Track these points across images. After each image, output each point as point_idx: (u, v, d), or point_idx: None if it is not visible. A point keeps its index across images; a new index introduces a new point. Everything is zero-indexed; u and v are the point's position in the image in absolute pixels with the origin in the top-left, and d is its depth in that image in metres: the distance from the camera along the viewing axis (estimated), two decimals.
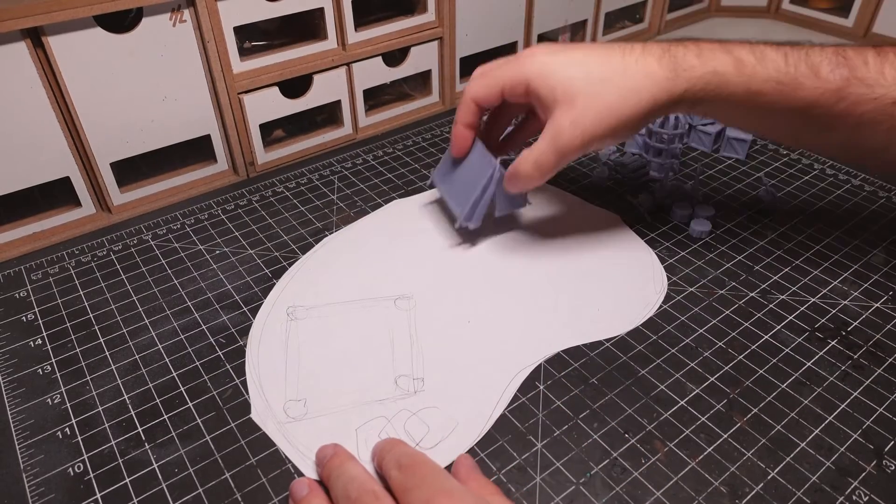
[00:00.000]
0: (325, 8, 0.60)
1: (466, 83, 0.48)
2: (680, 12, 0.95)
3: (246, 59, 0.58)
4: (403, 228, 0.54)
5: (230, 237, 0.54)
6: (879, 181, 0.59)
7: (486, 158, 0.48)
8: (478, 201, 0.48)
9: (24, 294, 0.49)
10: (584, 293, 0.47)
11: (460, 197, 0.50)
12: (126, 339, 0.45)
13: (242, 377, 0.42)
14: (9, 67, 0.47)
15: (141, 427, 0.39)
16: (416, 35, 0.68)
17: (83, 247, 0.54)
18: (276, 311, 0.46)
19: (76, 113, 0.52)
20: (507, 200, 0.51)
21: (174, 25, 0.53)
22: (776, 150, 0.64)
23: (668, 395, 0.40)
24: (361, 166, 0.64)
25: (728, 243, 0.52)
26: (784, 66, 0.40)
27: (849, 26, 0.89)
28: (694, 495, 0.35)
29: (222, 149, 0.61)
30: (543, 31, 0.79)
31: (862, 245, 0.51)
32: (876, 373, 0.41)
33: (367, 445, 0.37)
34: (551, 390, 0.41)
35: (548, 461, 0.36)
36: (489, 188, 0.48)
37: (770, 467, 0.36)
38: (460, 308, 0.46)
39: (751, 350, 0.43)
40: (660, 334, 0.44)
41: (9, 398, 0.41)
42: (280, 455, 0.37)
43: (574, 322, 0.45)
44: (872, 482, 0.35)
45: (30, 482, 0.36)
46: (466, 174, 0.50)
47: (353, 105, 0.67)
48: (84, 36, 0.49)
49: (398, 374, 0.41)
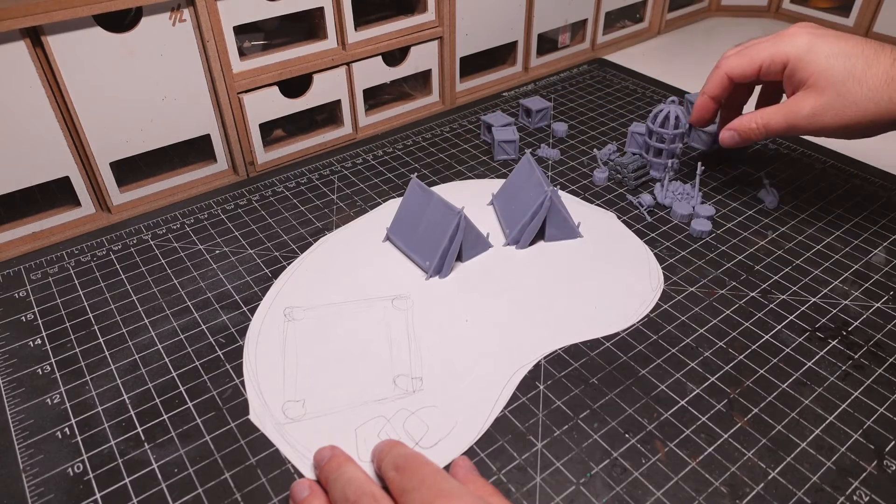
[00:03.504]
0: (324, 7, 0.60)
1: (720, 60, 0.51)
2: (680, 12, 0.95)
3: (246, 59, 0.58)
4: None
5: (230, 237, 0.54)
6: (880, 181, 0.59)
7: (449, 208, 0.48)
8: (446, 251, 0.48)
9: (23, 294, 0.49)
10: (582, 292, 0.47)
11: (425, 249, 0.50)
12: (126, 339, 0.45)
13: (242, 377, 0.42)
14: (8, 67, 0.47)
15: (140, 427, 0.39)
16: (416, 35, 0.68)
17: (83, 246, 0.54)
18: (273, 313, 0.46)
19: (76, 113, 0.52)
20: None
21: (174, 25, 0.53)
22: (776, 149, 0.64)
23: (669, 394, 0.40)
24: (361, 166, 0.63)
25: (728, 243, 0.52)
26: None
27: (849, 26, 0.89)
28: (694, 495, 0.35)
29: (222, 148, 0.61)
30: (543, 30, 0.79)
31: (862, 245, 0.51)
32: (877, 373, 0.41)
33: (367, 445, 0.37)
34: (551, 390, 0.40)
35: (548, 461, 0.36)
36: (457, 237, 0.48)
37: (770, 467, 0.36)
38: (458, 307, 0.46)
39: (751, 350, 0.43)
40: (660, 334, 0.44)
41: (8, 398, 0.41)
42: (280, 455, 0.37)
43: (572, 321, 0.45)
44: (873, 482, 0.35)
45: (29, 482, 0.36)
46: (430, 225, 0.49)
47: (353, 105, 0.67)
48: (84, 35, 0.49)
49: (397, 374, 0.41)
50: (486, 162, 0.64)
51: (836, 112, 0.44)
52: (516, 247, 0.51)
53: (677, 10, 0.95)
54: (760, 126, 0.48)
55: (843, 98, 0.43)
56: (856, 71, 0.43)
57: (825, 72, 0.43)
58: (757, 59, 0.47)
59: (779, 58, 0.45)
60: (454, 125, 0.70)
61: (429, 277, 0.49)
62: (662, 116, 0.58)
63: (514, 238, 0.52)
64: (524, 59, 0.79)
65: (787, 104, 0.46)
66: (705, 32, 0.95)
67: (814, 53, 0.44)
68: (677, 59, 0.87)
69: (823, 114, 0.44)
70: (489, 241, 0.52)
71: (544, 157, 0.64)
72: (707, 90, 0.51)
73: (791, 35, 0.46)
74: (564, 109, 0.73)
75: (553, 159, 0.64)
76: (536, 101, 0.70)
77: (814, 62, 0.44)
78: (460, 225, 0.48)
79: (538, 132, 0.68)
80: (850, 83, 0.43)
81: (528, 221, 0.51)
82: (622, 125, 0.69)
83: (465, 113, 0.73)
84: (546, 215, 0.50)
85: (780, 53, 0.45)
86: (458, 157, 0.64)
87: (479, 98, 0.76)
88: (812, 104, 0.44)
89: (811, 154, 0.63)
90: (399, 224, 0.52)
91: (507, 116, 0.67)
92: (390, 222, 0.53)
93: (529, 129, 0.69)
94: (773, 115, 0.47)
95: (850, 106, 0.43)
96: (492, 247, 0.52)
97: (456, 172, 0.62)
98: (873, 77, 0.42)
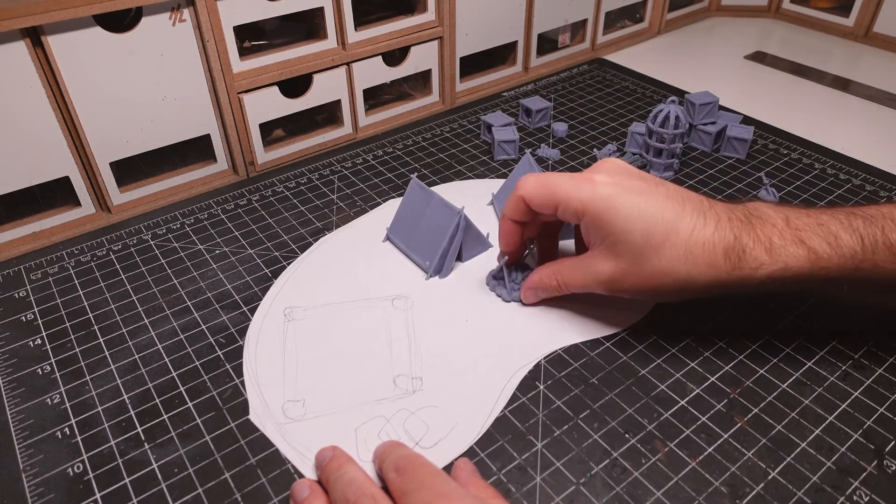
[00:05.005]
0: (324, 7, 0.60)
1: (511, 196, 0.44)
2: (680, 12, 0.95)
3: (246, 59, 0.58)
4: None
5: (230, 237, 0.54)
6: (881, 181, 0.59)
7: (449, 208, 0.48)
8: (446, 251, 0.48)
9: (23, 294, 0.49)
10: None
11: (425, 249, 0.50)
12: (126, 339, 0.45)
13: (242, 377, 0.42)
14: (8, 67, 0.47)
15: (140, 427, 0.39)
16: (416, 35, 0.68)
17: (83, 246, 0.54)
18: (273, 313, 0.46)
19: (76, 112, 0.52)
20: (473, 246, 0.51)
21: (174, 25, 0.53)
22: (776, 149, 0.64)
23: (669, 394, 0.40)
24: (361, 166, 0.63)
25: None
26: (861, 251, 0.37)
27: (849, 26, 0.89)
28: (694, 495, 0.35)
29: (222, 148, 0.61)
30: (543, 30, 0.79)
31: None
32: (877, 373, 0.41)
33: (367, 445, 0.37)
34: (551, 390, 0.40)
35: (548, 461, 0.36)
36: (456, 237, 0.48)
37: (770, 467, 0.36)
38: (458, 307, 0.46)
39: (751, 350, 0.43)
40: (660, 334, 0.44)
41: (8, 398, 0.41)
42: (280, 455, 0.37)
43: (572, 321, 0.45)
44: (873, 482, 0.35)
45: (29, 482, 0.36)
46: (430, 225, 0.49)
47: (353, 105, 0.67)
48: (83, 35, 0.49)
49: (397, 374, 0.41)
50: (486, 162, 0.64)
51: (634, 281, 0.39)
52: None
53: (677, 10, 0.95)
54: (561, 284, 0.44)
55: (640, 267, 0.39)
56: (653, 240, 0.38)
57: (622, 236, 0.39)
58: (556, 194, 0.41)
59: (575, 205, 0.40)
60: (454, 125, 0.70)
61: (429, 277, 0.49)
62: (662, 116, 0.58)
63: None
64: (524, 59, 0.79)
65: (584, 265, 0.42)
66: (705, 32, 0.95)
67: (613, 211, 0.39)
68: (677, 59, 0.87)
69: (622, 280, 0.40)
70: (489, 241, 0.52)
71: (544, 157, 0.64)
72: (507, 212, 0.44)
73: (593, 181, 0.40)
74: (564, 109, 0.73)
75: (553, 159, 0.64)
76: (536, 101, 0.70)
77: (612, 222, 0.39)
78: (460, 225, 0.48)
79: (538, 132, 0.68)
80: (648, 252, 0.38)
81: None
82: (622, 125, 0.69)
83: (465, 113, 0.73)
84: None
85: (578, 201, 0.40)
86: (458, 157, 0.64)
87: (479, 98, 0.76)
88: (610, 270, 0.40)
89: (811, 154, 0.63)
90: (399, 224, 0.52)
91: (507, 116, 0.67)
92: (390, 222, 0.53)
93: (529, 129, 0.69)
94: (571, 276, 0.43)
95: (648, 277, 0.39)
96: (492, 247, 0.52)
97: (456, 172, 0.62)
98: (670, 248, 0.38)
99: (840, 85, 0.78)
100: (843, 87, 0.78)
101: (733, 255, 0.37)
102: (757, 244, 0.37)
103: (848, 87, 0.78)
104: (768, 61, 0.85)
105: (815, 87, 0.78)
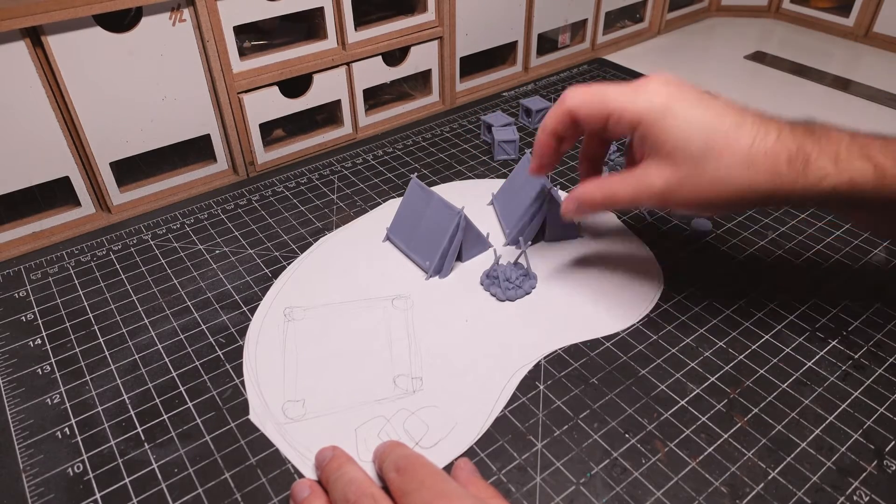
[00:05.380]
0: (324, 7, 0.60)
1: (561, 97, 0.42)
2: (680, 12, 0.95)
3: (246, 59, 0.58)
4: None
5: (230, 237, 0.54)
6: None
7: (449, 208, 0.48)
8: (446, 251, 0.48)
9: (23, 294, 0.49)
10: (582, 292, 0.47)
11: (425, 249, 0.50)
12: (126, 339, 0.45)
13: (242, 377, 0.42)
14: (8, 67, 0.47)
15: (140, 427, 0.39)
16: (416, 35, 0.67)
17: (83, 246, 0.54)
18: (273, 313, 0.46)
19: (76, 112, 0.52)
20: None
21: (174, 25, 0.53)
22: None
23: (669, 394, 0.40)
24: (361, 166, 0.63)
25: (728, 243, 0.52)
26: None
27: (849, 26, 0.89)
28: (694, 495, 0.35)
29: (222, 148, 0.61)
30: (543, 30, 0.79)
31: (862, 245, 0.51)
32: (877, 373, 0.41)
33: (367, 445, 0.37)
34: (551, 390, 0.40)
35: (548, 461, 0.36)
36: (456, 237, 0.48)
37: (770, 467, 0.36)
38: (458, 307, 0.46)
39: (751, 350, 0.43)
40: (660, 334, 0.44)
41: (8, 398, 0.41)
42: (280, 455, 0.37)
43: (572, 321, 0.45)
44: (873, 482, 0.35)
45: (29, 482, 0.36)
46: (430, 225, 0.49)
47: (353, 104, 0.67)
48: (83, 35, 0.49)
49: (397, 374, 0.41)
50: (486, 162, 0.64)
51: (690, 190, 0.38)
52: (515, 247, 0.51)
53: (677, 10, 0.95)
54: (606, 198, 0.41)
55: (698, 177, 0.37)
56: (715, 146, 0.36)
57: (680, 143, 0.37)
58: (608, 105, 0.39)
59: (630, 116, 0.38)
60: (454, 125, 0.70)
61: (429, 277, 0.49)
62: None
63: (513, 238, 0.52)
64: (524, 58, 0.79)
65: (636, 176, 0.39)
66: (705, 32, 0.95)
67: (671, 118, 0.37)
68: (677, 60, 0.87)
69: (678, 190, 0.38)
70: (489, 241, 0.52)
71: None
72: (546, 125, 0.42)
73: (647, 91, 0.38)
74: None
75: None
76: (536, 101, 0.70)
77: (669, 130, 0.37)
78: (460, 225, 0.48)
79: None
80: (707, 161, 0.36)
81: (529, 221, 0.51)
82: None
83: (465, 113, 0.73)
84: (546, 215, 0.50)
85: (633, 112, 0.38)
86: (458, 157, 0.64)
87: (479, 98, 0.76)
88: (665, 180, 0.38)
89: None
90: (399, 224, 0.52)
91: (507, 116, 0.67)
92: (390, 222, 0.53)
93: (529, 129, 0.69)
94: (619, 187, 0.40)
95: (706, 186, 0.37)
96: (492, 246, 0.52)
97: (456, 172, 0.62)
98: (730, 156, 0.36)
99: (840, 85, 0.78)
100: (843, 88, 0.78)
101: (797, 164, 0.35)
102: (822, 154, 0.35)
103: (848, 88, 0.78)
104: (768, 61, 0.85)
105: (815, 87, 0.78)
